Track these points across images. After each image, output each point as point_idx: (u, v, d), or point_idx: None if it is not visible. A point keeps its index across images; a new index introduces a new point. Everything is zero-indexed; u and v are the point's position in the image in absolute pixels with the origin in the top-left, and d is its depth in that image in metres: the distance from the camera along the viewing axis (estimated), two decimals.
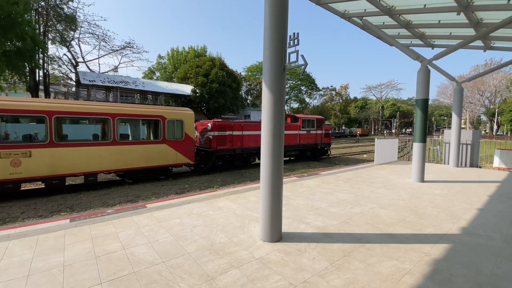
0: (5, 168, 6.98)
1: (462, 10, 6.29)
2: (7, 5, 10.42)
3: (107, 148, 8.64)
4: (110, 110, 8.77)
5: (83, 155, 8.20)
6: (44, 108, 7.55)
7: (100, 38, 26.74)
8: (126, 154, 9.03)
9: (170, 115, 10.11)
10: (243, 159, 13.56)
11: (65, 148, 7.93)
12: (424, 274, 2.89)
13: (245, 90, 46.63)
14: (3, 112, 6.98)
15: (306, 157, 16.91)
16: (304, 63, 3.26)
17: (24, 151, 7.26)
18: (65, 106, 7.99)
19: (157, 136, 9.89)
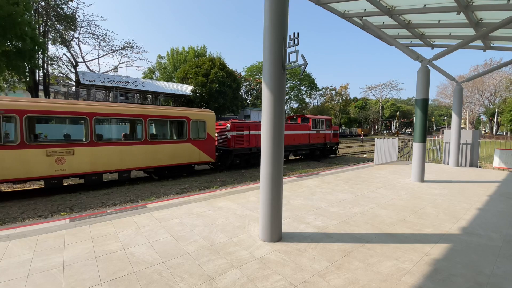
0: (51, 165, 7.63)
1: (462, 10, 6.29)
2: (7, 5, 10.41)
3: (139, 147, 9.33)
4: (143, 111, 9.46)
5: (118, 153, 8.86)
6: (85, 110, 8.23)
7: (100, 38, 26.77)
8: (155, 153, 9.73)
9: (195, 116, 10.87)
10: (258, 157, 13.71)
11: (103, 147, 8.58)
12: (424, 274, 2.89)
13: (245, 90, 46.62)
14: (51, 114, 7.74)
15: (315, 156, 17.47)
16: (304, 63, 3.26)
17: (68, 150, 7.93)
18: (103, 108, 8.71)
19: (183, 136, 10.61)
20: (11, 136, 7.27)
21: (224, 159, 12.96)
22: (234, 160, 13.00)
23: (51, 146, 7.71)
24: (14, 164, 7.12)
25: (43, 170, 7.58)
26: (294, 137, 15.69)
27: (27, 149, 7.31)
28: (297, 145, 15.93)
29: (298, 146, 16.03)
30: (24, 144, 7.29)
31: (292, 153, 16.35)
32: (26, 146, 7.30)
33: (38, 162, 7.48)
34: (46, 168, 7.61)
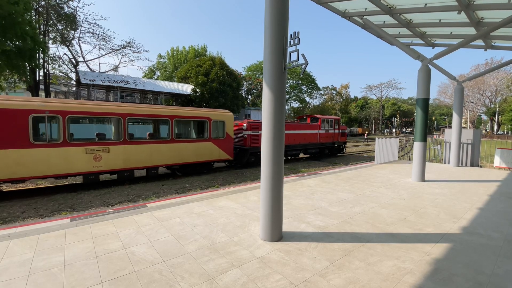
0: (89, 162, 8.29)
1: (462, 9, 6.28)
2: (7, 4, 10.41)
3: (166, 145, 10.03)
4: (170, 112, 10.19)
5: (147, 151, 9.56)
6: (119, 111, 8.91)
7: (100, 38, 26.76)
8: (180, 151, 10.44)
9: (215, 116, 11.59)
10: None
11: (135, 145, 9.26)
12: (425, 274, 2.89)
13: (246, 90, 46.59)
14: (89, 114, 8.50)
15: (324, 154, 18.30)
16: (304, 62, 3.25)
17: (104, 148, 8.58)
18: (135, 109, 9.38)
19: (205, 135, 11.36)
20: (55, 135, 7.86)
21: (240, 157, 13.56)
22: (250, 158, 13.64)
23: (89, 144, 8.35)
24: (57, 160, 7.74)
25: (83, 166, 8.21)
26: (305, 136, 16.34)
27: (68, 147, 7.95)
28: (307, 144, 16.58)
29: (308, 145, 16.67)
30: (66, 142, 7.94)
31: (302, 151, 17.04)
32: (67, 144, 7.95)
33: (78, 159, 8.13)
34: (85, 165, 8.24)
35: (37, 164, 7.43)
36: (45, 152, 7.55)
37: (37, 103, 7.52)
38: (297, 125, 16.53)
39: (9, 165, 7.07)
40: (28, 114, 7.32)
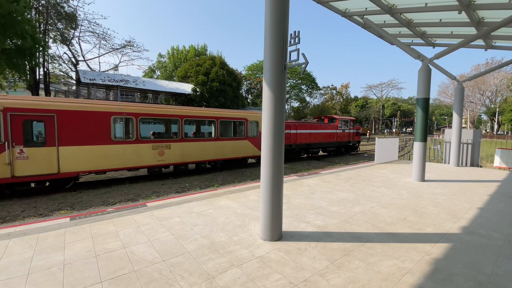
0: (155, 157, 9.72)
1: (463, 9, 6.27)
2: (6, 3, 10.39)
3: (212, 143, 11.53)
4: (216, 114, 11.72)
5: (198, 148, 11.07)
6: (178, 113, 10.46)
7: (101, 37, 26.74)
8: (223, 148, 11.92)
9: (251, 117, 13.11)
10: (296, 153, 16.40)
11: (189, 142, 10.78)
12: (425, 273, 2.88)
13: (246, 89, 46.55)
14: (156, 116, 9.99)
15: (341, 152, 19.86)
16: (304, 62, 3.24)
17: (167, 144, 10.03)
18: (190, 111, 10.95)
19: (242, 134, 12.78)
20: (130, 133, 9.28)
21: None
22: None
23: (155, 141, 9.77)
24: (131, 155, 9.19)
25: (150, 160, 9.63)
26: (324, 135, 17.84)
27: (140, 143, 9.37)
28: (326, 142, 17.99)
29: (327, 143, 18.07)
30: (138, 140, 9.34)
31: (321, 149, 18.39)
32: (139, 142, 9.37)
33: (147, 154, 9.54)
34: (151, 159, 9.66)
35: (116, 158, 8.87)
36: (122, 148, 8.99)
37: (116, 106, 8.93)
38: (318, 125, 17.79)
39: (96, 159, 8.48)
40: (110, 115, 8.72)
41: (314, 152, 17.77)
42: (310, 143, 16.89)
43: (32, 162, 7.50)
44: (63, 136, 7.93)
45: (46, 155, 7.70)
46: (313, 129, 17.01)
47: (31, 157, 7.49)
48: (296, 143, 15.94)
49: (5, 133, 7.12)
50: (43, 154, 7.66)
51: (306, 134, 16.59)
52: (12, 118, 7.22)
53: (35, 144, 7.67)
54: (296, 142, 15.92)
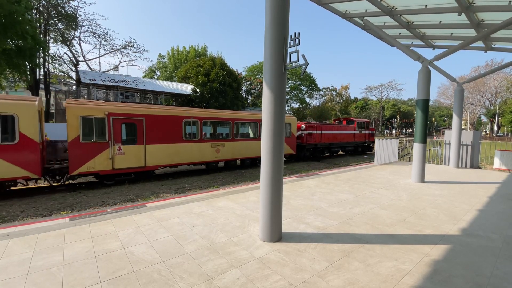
0: (213, 153, 11.76)
1: (463, 11, 6.28)
2: (7, 4, 10.41)
3: (254, 142, 13.37)
4: (258, 117, 13.67)
5: (245, 146, 12.97)
6: (230, 116, 12.51)
7: (101, 37, 26.78)
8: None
9: (285, 119, 14.31)
10: (320, 151, 18.04)
11: (238, 141, 12.73)
12: (424, 275, 2.88)
13: (246, 90, 46.55)
14: (214, 119, 12.06)
15: (357, 151, 21.41)
16: (304, 63, 3.25)
17: (222, 143, 12.06)
18: (240, 115, 13.01)
19: None
20: (195, 134, 11.19)
21: (299, 152, 16.43)
22: (305, 153, 16.74)
23: (213, 141, 11.82)
24: (196, 152, 11.19)
25: (209, 157, 11.69)
26: (344, 136, 19.39)
27: (202, 142, 11.39)
28: (345, 142, 19.55)
29: (346, 143, 19.63)
30: (202, 139, 11.39)
31: (341, 149, 20.06)
32: (202, 141, 11.39)
33: (207, 151, 11.56)
34: (210, 155, 11.71)
35: (186, 154, 10.80)
36: (190, 146, 10.93)
37: (186, 111, 11.01)
38: (339, 126, 19.43)
39: (171, 155, 10.35)
40: (182, 119, 10.68)
41: (335, 151, 19.43)
42: (332, 143, 18.52)
43: (127, 157, 9.23)
44: (148, 136, 9.69)
45: (137, 151, 9.48)
46: (334, 130, 18.69)
47: (126, 153, 9.21)
48: (321, 143, 17.56)
49: (109, 134, 8.81)
50: (134, 150, 9.43)
51: (329, 135, 18.24)
52: (113, 122, 8.91)
53: (129, 143, 9.33)
54: (321, 142, 17.55)
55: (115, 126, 8.93)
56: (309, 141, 16.56)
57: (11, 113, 7.22)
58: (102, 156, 8.67)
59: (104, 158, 8.70)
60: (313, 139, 16.84)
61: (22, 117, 7.34)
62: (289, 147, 14.97)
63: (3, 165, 7.13)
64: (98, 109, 8.66)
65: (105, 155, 8.71)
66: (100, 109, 8.67)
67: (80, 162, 8.29)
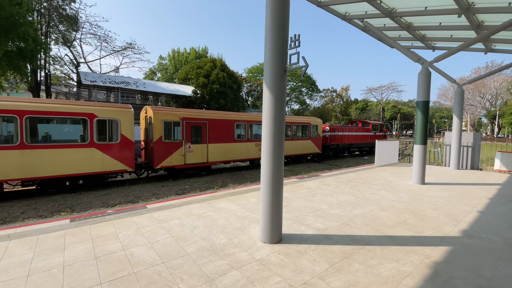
0: (256, 152, 13.66)
1: (463, 12, 6.30)
2: (9, 6, 10.46)
3: (289, 142, 15.47)
4: (292, 120, 15.91)
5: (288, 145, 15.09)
6: None
7: (102, 39, 26.85)
8: (296, 146, 15.93)
9: (313, 122, 17.00)
10: (341, 151, 19.83)
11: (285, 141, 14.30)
12: (425, 277, 2.88)
13: (246, 91, 46.61)
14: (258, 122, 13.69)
15: (372, 152, 22.50)
16: (305, 65, 3.26)
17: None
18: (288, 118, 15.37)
19: (307, 135, 16.73)
20: (244, 134, 13.22)
21: (323, 151, 18.18)
22: (329, 152, 18.62)
23: (257, 141, 13.57)
24: (244, 150, 13.15)
25: (254, 154, 13.52)
26: (361, 137, 21.26)
27: (248, 142, 13.33)
28: (362, 143, 21.35)
29: (363, 144, 21.39)
30: (248, 139, 13.35)
31: (358, 149, 21.85)
32: (248, 141, 13.35)
33: (252, 150, 13.49)
34: (255, 153, 13.55)
35: (236, 152, 12.74)
36: (239, 145, 12.88)
37: (237, 116, 13.09)
38: (357, 128, 21.33)
39: (225, 153, 12.33)
40: (234, 122, 12.66)
41: (353, 151, 21.30)
42: (351, 143, 20.32)
43: (194, 154, 11.16)
44: (210, 137, 11.64)
45: (201, 149, 11.43)
46: (353, 131, 20.53)
47: (194, 151, 11.14)
48: (342, 143, 19.32)
49: (182, 134, 10.70)
50: (200, 148, 11.36)
51: (349, 136, 20.03)
52: (186, 125, 10.84)
53: (196, 142, 11.25)
54: (342, 142, 19.31)
55: (187, 128, 10.92)
56: (333, 141, 18.49)
57: (116, 118, 8.85)
58: (177, 153, 10.57)
59: (179, 155, 10.60)
60: (335, 139, 18.74)
61: (123, 121, 9.01)
62: (316, 146, 17.10)
63: (109, 160, 8.78)
64: (175, 114, 10.55)
65: (179, 152, 10.65)
66: (176, 114, 10.57)
67: (162, 158, 10.12)
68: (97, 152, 8.57)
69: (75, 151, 8.21)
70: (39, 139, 7.93)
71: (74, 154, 8.18)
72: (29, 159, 7.43)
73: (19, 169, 7.29)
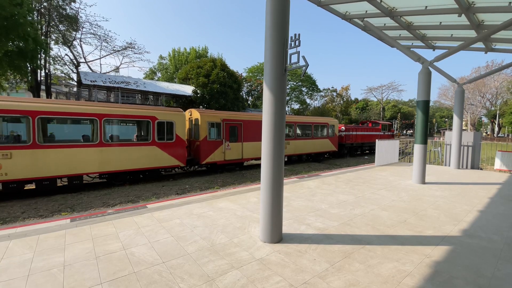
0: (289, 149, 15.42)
1: (463, 12, 6.29)
2: (10, 6, 10.46)
3: (311, 140, 17.06)
4: (313, 120, 17.42)
5: (304, 144, 16.57)
6: (293, 120, 16.02)
7: (102, 39, 26.85)
8: (315, 144, 17.39)
9: (330, 122, 18.62)
10: (354, 149, 21.33)
11: (299, 140, 16.25)
12: (425, 276, 2.88)
13: (246, 91, 46.59)
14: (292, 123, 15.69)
15: None
16: (305, 64, 3.26)
17: (287, 142, 15.40)
18: (301, 119, 16.92)
19: (325, 134, 18.25)
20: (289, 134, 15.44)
21: (338, 150, 19.48)
22: (344, 150, 20.05)
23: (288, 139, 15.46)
24: None
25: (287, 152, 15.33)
26: (372, 137, 22.42)
27: None
28: (373, 142, 21.41)
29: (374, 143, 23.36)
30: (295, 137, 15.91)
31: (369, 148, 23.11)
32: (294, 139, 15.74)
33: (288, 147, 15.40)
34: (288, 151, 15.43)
35: None
36: None
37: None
38: (369, 128, 23.02)
39: (257, 150, 13.47)
40: None
41: (364, 150, 22.79)
42: (363, 142, 21.73)
43: (232, 151, 12.57)
44: (244, 136, 12.98)
45: (237, 147, 12.82)
46: (365, 131, 22.09)
47: (232, 148, 12.54)
48: (356, 142, 20.67)
49: (222, 134, 12.23)
50: (236, 146, 12.78)
51: (362, 135, 21.44)
52: (225, 125, 12.41)
53: (233, 140, 12.65)
54: (356, 141, 20.66)
55: (226, 128, 12.42)
56: (348, 140, 19.91)
57: (172, 120, 10.33)
58: (218, 150, 12.07)
59: (220, 152, 12.10)
60: (350, 139, 20.15)
61: (177, 123, 10.50)
62: (333, 144, 18.57)
63: (166, 157, 10.23)
64: (217, 116, 12.12)
65: (220, 149, 12.16)
66: (218, 116, 12.16)
67: (207, 154, 11.68)
68: (157, 149, 9.99)
69: (140, 148, 9.59)
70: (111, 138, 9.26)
71: (139, 151, 9.54)
72: (105, 156, 8.77)
73: (97, 164, 8.63)
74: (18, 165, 7.31)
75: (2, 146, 7.16)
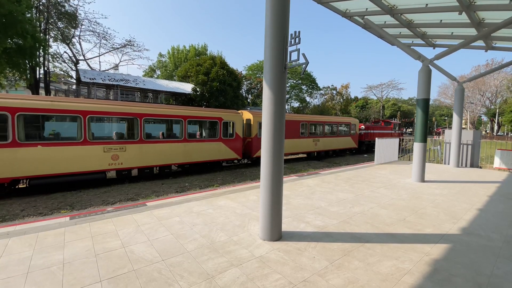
0: (313, 146, 16.96)
1: (463, 10, 6.26)
2: (8, 3, 10.39)
3: (335, 138, 18.79)
4: (337, 120, 19.20)
5: (328, 142, 18.26)
6: (322, 120, 17.94)
7: (101, 36, 26.72)
8: (339, 141, 19.18)
9: (353, 121, 20.49)
10: (371, 146, 22.06)
11: (326, 138, 18.03)
12: (424, 274, 2.89)
13: (246, 89, 46.51)
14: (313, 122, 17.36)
15: None
16: (305, 62, 3.25)
17: (317, 139, 17.26)
18: (329, 119, 18.68)
19: (348, 133, 20.01)
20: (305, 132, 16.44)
21: (358, 147, 21.21)
22: (363, 147, 22.04)
23: (313, 137, 16.98)
24: (305, 145, 16.33)
25: (311, 148, 16.79)
26: (386, 135, 23.50)
27: (308, 138, 16.60)
28: None
29: None
30: (309, 136, 16.65)
31: None
32: (309, 137, 16.66)
33: (310, 145, 16.70)
34: (312, 147, 16.83)
35: (300, 146, 15.97)
36: (302, 140, 16.07)
37: (301, 117, 16.43)
38: (383, 127, 24.94)
39: (292, 146, 15.39)
40: (299, 122, 15.87)
41: None
42: None
43: None
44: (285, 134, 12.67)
45: None
46: (381, 130, 23.83)
47: None
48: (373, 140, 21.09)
49: None
50: None
51: (378, 134, 22.81)
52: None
53: None
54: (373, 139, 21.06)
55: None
56: (366, 138, 21.82)
57: (233, 120, 12.42)
58: None
59: None
60: (368, 137, 22.03)
61: (237, 123, 12.61)
62: (354, 142, 20.35)
63: (228, 151, 12.21)
64: None
65: None
66: None
67: (257, 149, 13.41)
68: (222, 145, 12.00)
69: (210, 144, 11.64)
70: (190, 136, 11.13)
71: (209, 146, 11.60)
72: (187, 149, 10.78)
73: (183, 155, 10.65)
74: (130, 157, 9.24)
75: (119, 141, 9.05)
